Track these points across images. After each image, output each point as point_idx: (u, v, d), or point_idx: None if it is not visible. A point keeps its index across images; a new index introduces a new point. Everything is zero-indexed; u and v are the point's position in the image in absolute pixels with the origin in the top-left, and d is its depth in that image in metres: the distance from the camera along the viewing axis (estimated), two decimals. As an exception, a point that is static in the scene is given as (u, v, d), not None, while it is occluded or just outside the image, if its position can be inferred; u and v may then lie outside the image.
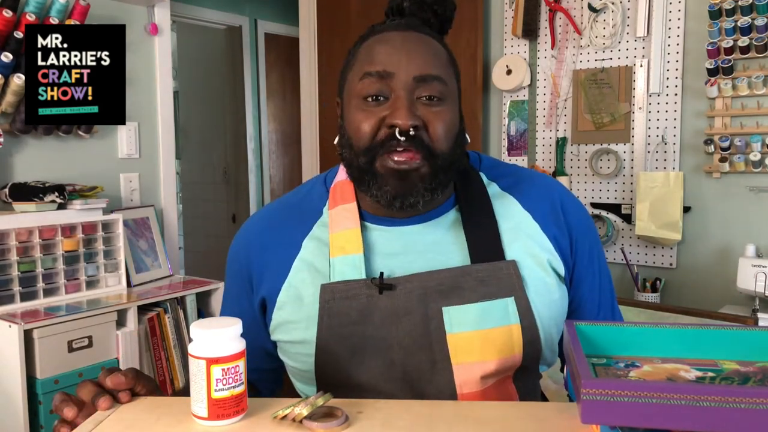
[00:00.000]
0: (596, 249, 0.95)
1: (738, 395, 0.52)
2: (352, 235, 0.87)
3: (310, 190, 0.97)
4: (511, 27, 2.54)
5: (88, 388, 0.76)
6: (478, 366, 0.82)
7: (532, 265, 0.86)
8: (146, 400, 0.77)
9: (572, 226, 0.91)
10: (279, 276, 0.90)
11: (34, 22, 1.95)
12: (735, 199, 2.13)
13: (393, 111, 0.80)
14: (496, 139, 2.65)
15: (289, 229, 0.92)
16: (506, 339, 0.83)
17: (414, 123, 0.80)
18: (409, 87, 0.81)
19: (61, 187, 1.99)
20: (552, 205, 0.91)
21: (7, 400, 1.77)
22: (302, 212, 0.94)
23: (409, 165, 0.81)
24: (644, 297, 2.18)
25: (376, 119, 0.82)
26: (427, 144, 0.81)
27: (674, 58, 2.20)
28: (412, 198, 0.83)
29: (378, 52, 0.83)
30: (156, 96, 2.48)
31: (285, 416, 0.68)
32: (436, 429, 0.66)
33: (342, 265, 0.86)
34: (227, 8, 4.24)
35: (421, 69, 0.81)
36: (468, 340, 0.82)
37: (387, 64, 0.82)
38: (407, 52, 0.82)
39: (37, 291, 1.95)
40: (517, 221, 0.89)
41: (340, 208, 0.90)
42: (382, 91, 0.82)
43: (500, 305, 0.83)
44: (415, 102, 0.81)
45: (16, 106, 1.99)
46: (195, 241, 4.66)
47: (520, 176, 0.95)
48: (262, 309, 0.93)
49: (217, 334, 0.68)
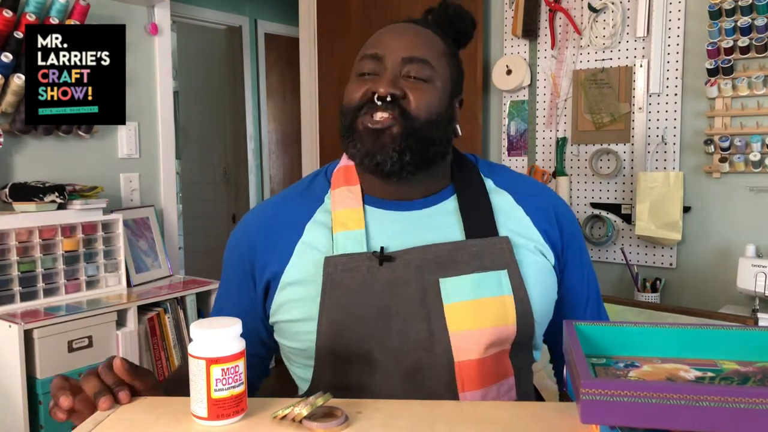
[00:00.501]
0: (585, 254, 1.01)
1: (738, 395, 0.52)
2: (354, 213, 0.92)
3: (311, 181, 1.01)
4: (511, 27, 2.54)
5: (92, 383, 0.76)
6: (474, 334, 0.86)
7: (523, 246, 0.92)
8: (146, 400, 0.77)
9: (564, 226, 0.97)
10: (282, 259, 0.93)
11: (34, 23, 1.95)
12: (735, 199, 2.13)
13: (376, 80, 0.90)
14: (496, 139, 2.65)
15: (291, 215, 0.96)
16: (499, 308, 0.87)
17: (392, 91, 0.88)
18: (397, 65, 0.90)
19: (61, 187, 1.99)
20: (544, 204, 0.97)
21: (7, 400, 1.77)
22: (304, 200, 0.98)
23: (382, 125, 0.88)
24: (644, 297, 2.18)
25: (365, 88, 0.90)
26: (403, 107, 0.88)
27: (674, 58, 2.20)
28: (380, 156, 0.88)
29: (377, 37, 0.94)
30: (156, 96, 2.48)
31: (285, 416, 0.68)
32: (436, 429, 0.66)
33: (344, 239, 0.90)
34: (227, 8, 4.24)
35: (411, 51, 0.90)
36: (463, 309, 0.86)
37: (380, 47, 0.91)
38: (401, 36, 0.92)
39: (37, 291, 1.95)
40: (510, 213, 0.95)
41: (344, 189, 0.95)
42: (374, 70, 0.91)
43: (494, 277, 0.88)
44: (399, 78, 0.90)
45: (16, 106, 1.99)
46: (195, 241, 4.66)
47: (515, 176, 1.02)
48: (264, 293, 0.95)
49: (217, 334, 0.68)
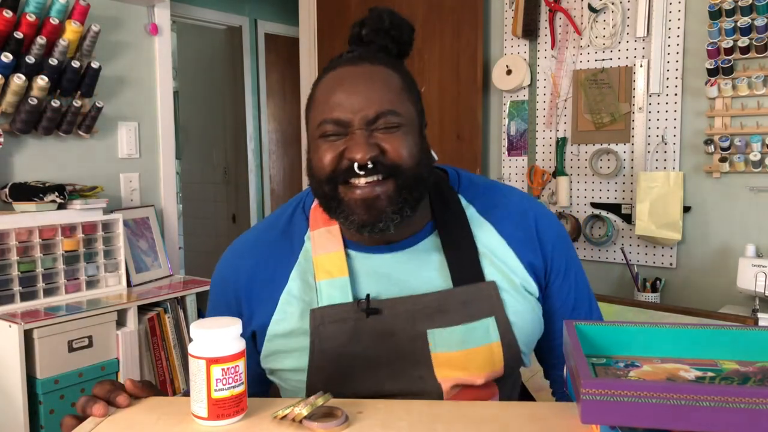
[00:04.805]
0: (572, 263, 0.97)
1: (738, 395, 0.52)
2: (336, 258, 0.90)
3: (290, 219, 0.97)
4: (511, 27, 2.54)
5: (107, 387, 0.76)
6: (462, 379, 0.87)
7: (508, 288, 0.90)
8: (146, 400, 0.77)
9: (547, 250, 0.94)
10: (268, 311, 0.92)
11: (35, 23, 1.95)
12: (735, 199, 2.13)
13: (350, 146, 0.83)
14: (496, 139, 2.65)
15: (274, 264, 0.94)
16: (488, 356, 0.87)
17: (371, 154, 0.82)
18: (364, 125, 0.83)
19: (61, 187, 1.99)
20: (526, 232, 0.93)
21: (7, 400, 1.77)
22: (284, 243, 0.95)
23: (372, 191, 0.83)
24: (644, 297, 2.18)
25: (337, 152, 0.84)
26: (386, 164, 0.83)
27: (674, 58, 2.20)
28: (381, 224, 0.84)
29: (334, 98, 0.84)
30: (156, 96, 2.48)
31: (285, 416, 0.68)
32: (435, 429, 0.66)
33: (329, 288, 0.88)
34: (227, 8, 4.24)
35: (374, 107, 0.83)
36: (451, 359, 0.86)
37: (340, 110, 0.83)
38: (359, 92, 0.83)
39: (37, 291, 1.95)
40: (493, 248, 0.92)
41: (324, 230, 0.92)
42: (339, 131, 0.84)
43: (482, 325, 0.87)
44: (371, 134, 0.83)
45: (16, 106, 1.99)
46: (195, 241, 4.66)
47: (497, 199, 0.96)
48: (252, 339, 0.95)
49: (217, 334, 0.68)
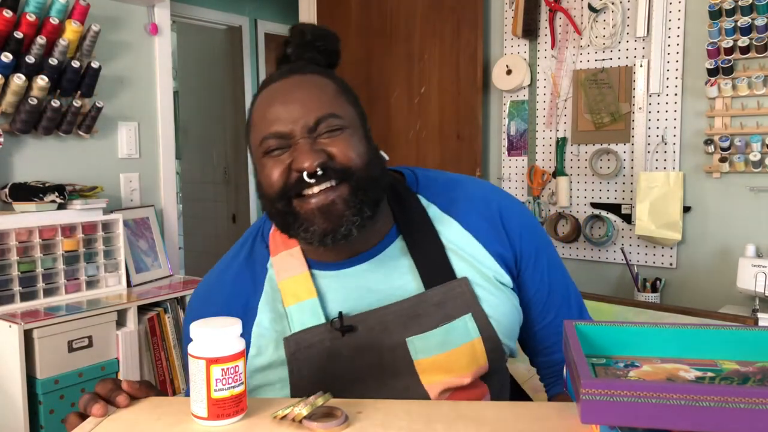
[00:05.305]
0: (542, 249, 0.95)
1: (738, 395, 0.52)
2: (301, 279, 0.89)
3: (251, 249, 0.96)
4: (511, 27, 2.54)
5: (109, 387, 0.76)
6: (449, 381, 0.86)
7: (481, 281, 0.89)
8: (146, 400, 0.77)
9: (514, 238, 0.92)
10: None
11: (35, 22, 1.95)
12: (735, 199, 2.13)
13: (296, 156, 0.82)
14: (496, 139, 2.65)
15: (242, 299, 0.92)
16: (470, 354, 0.86)
17: (319, 161, 0.80)
18: (306, 132, 0.82)
19: (61, 187, 1.99)
20: (491, 222, 0.92)
21: (7, 400, 1.77)
22: (248, 274, 0.94)
23: (327, 197, 0.82)
24: (644, 297, 2.18)
25: (283, 166, 0.83)
26: (338, 169, 0.82)
27: (674, 58, 2.20)
28: (342, 228, 0.82)
29: (270, 113, 0.84)
30: (156, 96, 2.48)
31: (285, 416, 0.68)
32: (435, 429, 0.66)
33: (299, 313, 0.87)
34: (227, 8, 4.24)
35: (312, 113, 0.82)
36: (435, 363, 0.85)
37: (279, 123, 0.83)
38: (294, 102, 0.83)
39: (37, 291, 1.95)
40: (460, 243, 0.90)
41: (285, 254, 0.91)
42: (282, 145, 0.83)
43: (460, 324, 0.86)
44: (315, 141, 0.82)
45: (16, 106, 1.99)
46: (195, 241, 4.66)
47: (456, 192, 0.95)
48: None
49: (217, 334, 0.68)
